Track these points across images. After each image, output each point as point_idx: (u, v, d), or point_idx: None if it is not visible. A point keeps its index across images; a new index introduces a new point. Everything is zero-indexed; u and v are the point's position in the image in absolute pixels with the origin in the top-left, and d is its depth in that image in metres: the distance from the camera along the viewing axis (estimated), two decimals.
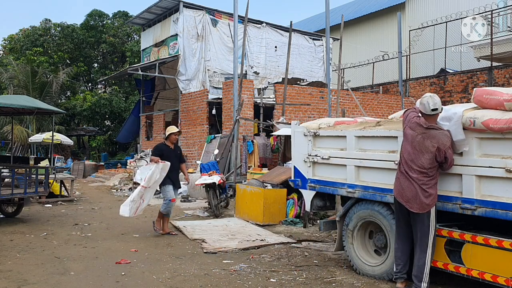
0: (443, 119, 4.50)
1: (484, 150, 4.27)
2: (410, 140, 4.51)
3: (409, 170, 4.49)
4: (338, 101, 14.93)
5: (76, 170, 20.28)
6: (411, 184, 4.47)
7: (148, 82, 20.96)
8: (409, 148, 4.51)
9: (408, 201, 4.49)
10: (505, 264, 4.06)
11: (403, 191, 4.53)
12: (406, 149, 4.53)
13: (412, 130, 4.52)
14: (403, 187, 4.53)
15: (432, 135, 4.41)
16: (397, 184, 4.63)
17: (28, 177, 9.34)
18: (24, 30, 29.64)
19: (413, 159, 4.46)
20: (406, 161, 4.52)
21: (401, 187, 4.56)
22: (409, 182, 4.48)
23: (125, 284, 5.09)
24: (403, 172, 4.55)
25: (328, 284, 5.09)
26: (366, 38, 23.12)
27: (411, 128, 4.53)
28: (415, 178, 4.45)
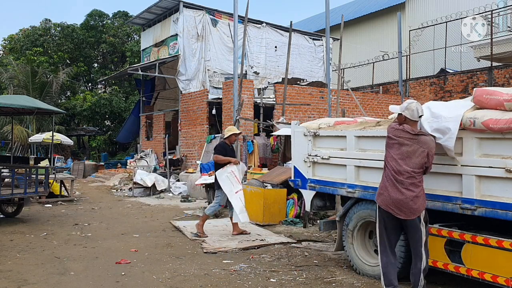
0: (435, 131, 4.48)
1: (484, 150, 4.27)
2: (397, 147, 4.45)
3: (398, 176, 4.41)
4: (338, 101, 14.93)
5: (76, 170, 20.28)
6: (400, 191, 4.40)
7: (148, 82, 20.96)
8: (396, 155, 4.45)
9: (399, 209, 4.41)
10: (505, 264, 4.06)
11: (392, 199, 4.43)
12: (392, 157, 4.46)
13: (397, 137, 4.47)
14: (391, 195, 4.43)
15: (422, 140, 4.40)
16: (384, 193, 4.50)
17: (28, 177, 9.34)
18: (24, 30, 29.64)
19: (401, 165, 4.41)
20: (393, 168, 4.44)
21: (389, 196, 4.44)
22: (397, 189, 4.41)
23: (125, 284, 5.09)
24: (390, 180, 4.45)
25: (328, 284, 5.09)
26: (366, 38, 23.12)
27: (396, 136, 4.48)
28: (405, 184, 4.39)
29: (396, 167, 4.43)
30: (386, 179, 4.51)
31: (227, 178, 7.44)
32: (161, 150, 18.36)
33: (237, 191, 7.41)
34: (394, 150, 4.47)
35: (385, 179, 4.52)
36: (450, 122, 4.38)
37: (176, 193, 13.72)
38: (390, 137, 4.53)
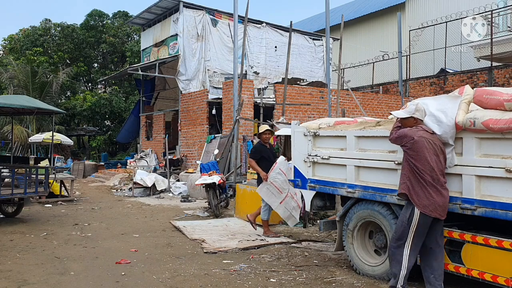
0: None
1: (484, 150, 4.27)
2: (432, 148, 4.37)
3: (439, 177, 4.38)
4: (338, 101, 14.93)
5: (76, 170, 20.28)
6: (441, 193, 4.38)
7: (148, 82, 20.96)
8: (434, 157, 4.36)
9: (444, 211, 4.41)
10: (505, 264, 4.06)
11: (438, 204, 4.37)
12: (433, 159, 4.35)
13: (426, 139, 4.39)
14: (437, 200, 4.35)
15: (437, 138, 4.47)
16: (429, 200, 4.36)
17: (28, 177, 9.34)
18: (24, 30, 29.63)
19: (441, 165, 4.40)
20: (437, 171, 4.36)
21: (435, 201, 4.35)
22: (439, 192, 4.37)
23: (125, 284, 5.09)
24: (431, 184, 4.35)
25: (328, 284, 5.09)
26: (366, 38, 23.12)
27: (425, 138, 4.39)
28: (443, 184, 4.40)
29: (439, 168, 4.38)
30: (426, 185, 4.36)
31: (268, 190, 7.27)
32: (161, 150, 18.36)
33: (281, 201, 7.21)
34: (431, 151, 4.37)
35: (424, 185, 4.37)
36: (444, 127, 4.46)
37: (176, 193, 13.72)
38: (425, 142, 4.38)
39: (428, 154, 4.37)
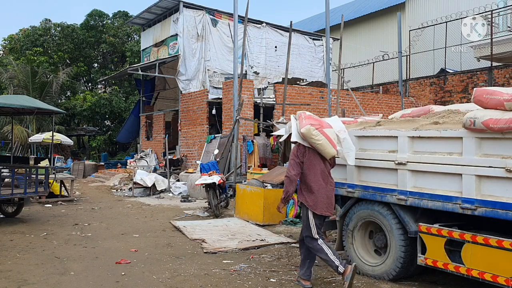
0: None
1: (484, 150, 4.27)
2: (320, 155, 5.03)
3: (330, 178, 5.11)
4: (338, 101, 14.93)
5: (76, 170, 20.28)
6: (332, 192, 5.11)
7: (148, 82, 20.96)
8: (323, 163, 5.04)
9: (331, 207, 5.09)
10: (505, 264, 4.06)
11: (331, 203, 5.05)
12: (321, 165, 5.02)
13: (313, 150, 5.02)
14: (332, 197, 5.09)
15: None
16: (326, 199, 4.98)
17: (28, 177, 9.34)
18: (24, 30, 29.63)
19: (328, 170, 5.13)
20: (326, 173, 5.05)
21: (331, 198, 5.07)
22: (331, 192, 5.07)
23: (125, 284, 5.09)
24: (329, 181, 5.04)
25: (328, 284, 5.09)
26: (366, 38, 23.11)
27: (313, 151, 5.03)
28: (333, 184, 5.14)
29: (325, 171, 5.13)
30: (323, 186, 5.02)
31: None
32: (161, 150, 18.36)
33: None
34: (321, 157, 5.07)
35: (321, 187, 5.00)
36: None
37: (176, 193, 13.72)
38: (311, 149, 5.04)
39: (321, 159, 5.09)
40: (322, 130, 4.95)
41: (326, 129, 5.00)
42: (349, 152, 5.16)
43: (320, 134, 4.91)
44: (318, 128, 4.93)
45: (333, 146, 4.99)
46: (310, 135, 4.88)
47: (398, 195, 4.94)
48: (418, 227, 4.76)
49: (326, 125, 5.09)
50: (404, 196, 4.88)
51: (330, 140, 4.97)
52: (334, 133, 5.10)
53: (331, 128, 5.12)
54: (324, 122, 5.16)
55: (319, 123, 5.01)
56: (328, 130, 5.03)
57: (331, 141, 4.99)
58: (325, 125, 5.08)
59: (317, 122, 5.00)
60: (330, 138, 4.99)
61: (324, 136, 4.93)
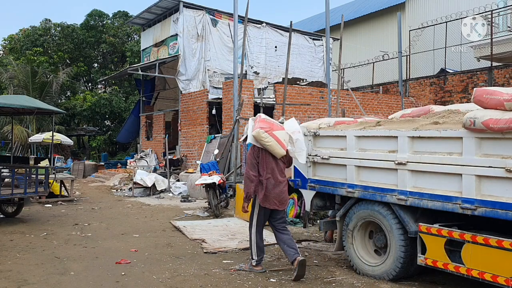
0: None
1: (484, 150, 4.27)
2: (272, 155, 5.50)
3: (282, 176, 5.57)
4: (338, 101, 14.93)
5: (76, 170, 20.27)
6: (284, 188, 5.56)
7: (148, 82, 20.95)
8: (274, 162, 5.51)
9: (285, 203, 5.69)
10: (505, 264, 4.06)
11: (285, 196, 5.58)
12: (273, 163, 5.49)
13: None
14: (284, 193, 5.56)
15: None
16: (277, 193, 5.46)
17: (28, 177, 9.34)
18: (24, 30, 29.62)
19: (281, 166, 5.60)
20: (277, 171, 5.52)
21: (283, 193, 5.53)
22: (282, 188, 5.53)
23: (125, 284, 5.09)
24: (278, 179, 5.49)
25: (328, 284, 5.09)
26: (366, 38, 23.11)
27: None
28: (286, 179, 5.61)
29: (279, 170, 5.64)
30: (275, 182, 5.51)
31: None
32: (161, 150, 18.36)
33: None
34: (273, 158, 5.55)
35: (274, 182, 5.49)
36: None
37: (176, 193, 13.72)
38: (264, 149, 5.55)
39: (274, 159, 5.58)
40: (272, 133, 5.43)
41: (276, 132, 5.48)
42: (300, 152, 5.62)
43: (270, 136, 5.39)
44: (268, 131, 5.41)
45: (282, 147, 5.46)
46: (260, 138, 5.38)
47: (398, 195, 4.94)
48: (418, 227, 4.76)
49: (277, 127, 5.56)
50: (404, 196, 4.88)
51: (279, 142, 5.44)
52: (285, 134, 5.56)
53: (283, 130, 5.59)
54: (275, 125, 5.62)
55: (270, 126, 5.49)
56: (278, 132, 5.50)
57: (280, 142, 5.45)
58: (276, 127, 5.54)
59: (268, 125, 5.48)
60: (279, 139, 5.45)
61: (274, 138, 5.41)
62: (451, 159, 4.49)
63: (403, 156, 4.90)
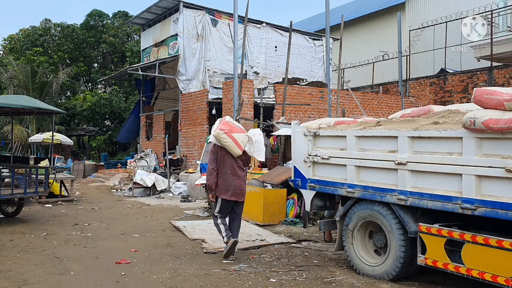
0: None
1: (484, 150, 4.27)
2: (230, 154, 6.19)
3: (240, 171, 6.26)
4: (338, 101, 14.93)
5: (76, 170, 20.27)
6: (244, 180, 6.30)
7: (148, 82, 20.95)
8: (233, 159, 6.19)
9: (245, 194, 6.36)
10: (505, 264, 4.06)
11: (242, 190, 6.24)
12: (231, 161, 6.20)
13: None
14: (241, 187, 6.24)
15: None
16: (232, 186, 6.15)
17: (28, 177, 9.34)
18: (24, 30, 29.61)
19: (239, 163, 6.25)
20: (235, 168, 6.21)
21: (240, 188, 6.21)
22: (242, 180, 6.28)
23: (125, 284, 5.09)
24: (236, 174, 6.19)
25: (328, 284, 5.09)
26: (366, 38, 23.11)
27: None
28: (244, 175, 6.36)
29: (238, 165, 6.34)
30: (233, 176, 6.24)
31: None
32: (161, 150, 18.36)
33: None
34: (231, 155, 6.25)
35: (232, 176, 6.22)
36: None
37: (176, 193, 13.72)
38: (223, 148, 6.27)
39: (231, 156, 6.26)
40: (231, 135, 6.11)
41: (235, 134, 6.15)
42: (259, 152, 6.32)
43: (228, 137, 6.08)
44: (227, 132, 6.10)
45: (239, 148, 6.14)
46: (219, 138, 6.10)
47: (398, 195, 4.94)
48: (418, 227, 4.76)
49: (237, 130, 6.25)
50: (404, 196, 4.88)
51: (236, 143, 6.11)
52: (244, 136, 6.25)
53: (242, 133, 6.31)
54: (236, 128, 6.31)
55: (229, 129, 6.18)
56: (237, 134, 6.18)
57: (237, 143, 6.12)
58: (236, 130, 6.23)
59: (228, 128, 6.18)
60: (237, 141, 6.12)
61: (231, 139, 6.09)
62: (451, 159, 4.49)
63: (403, 156, 4.90)
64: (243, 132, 6.38)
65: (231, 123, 6.38)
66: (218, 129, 6.16)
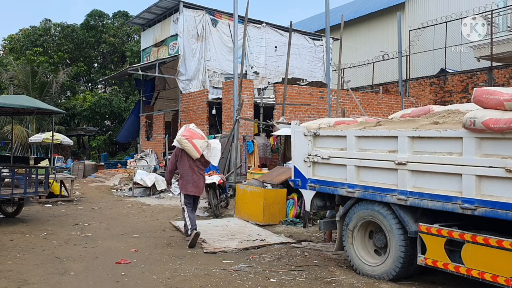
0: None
1: (484, 150, 4.27)
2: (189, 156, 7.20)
3: (198, 171, 7.26)
4: (338, 101, 14.93)
5: (76, 170, 20.26)
6: (202, 179, 7.37)
7: (148, 82, 20.95)
8: (192, 161, 7.21)
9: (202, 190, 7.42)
10: (505, 264, 4.06)
11: (199, 187, 7.26)
12: (190, 162, 7.21)
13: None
14: (199, 184, 7.25)
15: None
16: (192, 183, 7.17)
17: (28, 177, 9.33)
18: (24, 30, 29.60)
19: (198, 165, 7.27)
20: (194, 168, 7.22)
21: (197, 185, 7.23)
22: (201, 179, 7.32)
23: (125, 284, 5.09)
24: (195, 173, 7.21)
25: (328, 284, 5.09)
26: (366, 38, 23.11)
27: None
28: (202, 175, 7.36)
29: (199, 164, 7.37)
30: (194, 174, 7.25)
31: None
32: (161, 150, 18.36)
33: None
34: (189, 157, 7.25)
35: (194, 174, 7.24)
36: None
37: (176, 193, 13.69)
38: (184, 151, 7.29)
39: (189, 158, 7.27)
40: (191, 140, 7.08)
41: (195, 140, 7.12)
42: (214, 157, 7.41)
43: (188, 142, 7.05)
44: (188, 138, 7.07)
45: (197, 151, 7.11)
46: (181, 142, 7.09)
47: (398, 195, 4.94)
48: (418, 227, 4.76)
49: (197, 137, 7.20)
50: (404, 196, 4.88)
51: (195, 147, 7.08)
52: (204, 142, 7.23)
53: (202, 139, 7.26)
54: (196, 134, 7.24)
55: (191, 135, 7.14)
56: (197, 140, 7.15)
57: (196, 148, 7.09)
58: (196, 137, 7.19)
59: (189, 134, 7.15)
60: (196, 146, 7.09)
61: (191, 144, 7.07)
62: (451, 159, 4.49)
63: (403, 156, 4.90)
64: (203, 138, 7.32)
65: (193, 130, 7.32)
66: (181, 135, 7.14)
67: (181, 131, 7.34)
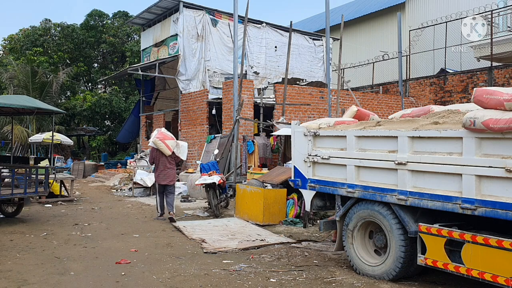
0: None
1: (484, 150, 4.27)
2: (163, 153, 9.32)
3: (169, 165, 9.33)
4: (338, 101, 14.93)
5: (76, 170, 20.26)
6: (172, 171, 9.40)
7: (148, 82, 20.95)
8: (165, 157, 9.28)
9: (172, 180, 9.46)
10: (505, 264, 4.06)
11: (169, 177, 9.31)
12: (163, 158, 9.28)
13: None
14: (169, 175, 9.30)
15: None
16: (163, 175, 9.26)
17: (28, 177, 9.34)
18: (24, 30, 29.59)
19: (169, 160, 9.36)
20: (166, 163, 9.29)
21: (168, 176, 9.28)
22: (171, 171, 9.34)
23: (125, 284, 5.09)
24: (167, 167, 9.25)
25: (328, 284, 5.09)
26: (366, 38, 23.11)
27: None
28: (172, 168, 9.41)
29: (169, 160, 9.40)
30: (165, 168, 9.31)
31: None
32: None
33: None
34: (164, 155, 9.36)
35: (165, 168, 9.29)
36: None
37: (176, 193, 13.68)
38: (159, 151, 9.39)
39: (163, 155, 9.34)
40: (164, 141, 9.12)
41: (166, 140, 9.18)
42: (183, 153, 9.54)
43: (162, 143, 9.11)
44: (161, 139, 9.13)
45: (169, 150, 9.16)
46: (156, 143, 9.14)
47: (398, 195, 4.94)
48: (418, 227, 4.76)
49: (168, 138, 9.29)
50: (404, 196, 4.88)
51: (167, 146, 9.14)
52: (174, 142, 9.34)
53: (172, 140, 9.36)
54: (167, 136, 9.33)
55: (163, 137, 9.20)
56: (168, 141, 9.22)
57: (168, 147, 9.15)
58: (167, 138, 9.27)
59: (162, 136, 9.21)
60: (168, 145, 9.15)
61: (164, 144, 9.12)
62: (451, 159, 4.49)
63: (403, 156, 4.90)
64: (173, 139, 9.43)
65: (165, 133, 9.42)
66: (155, 137, 9.15)
67: (154, 134, 9.34)
